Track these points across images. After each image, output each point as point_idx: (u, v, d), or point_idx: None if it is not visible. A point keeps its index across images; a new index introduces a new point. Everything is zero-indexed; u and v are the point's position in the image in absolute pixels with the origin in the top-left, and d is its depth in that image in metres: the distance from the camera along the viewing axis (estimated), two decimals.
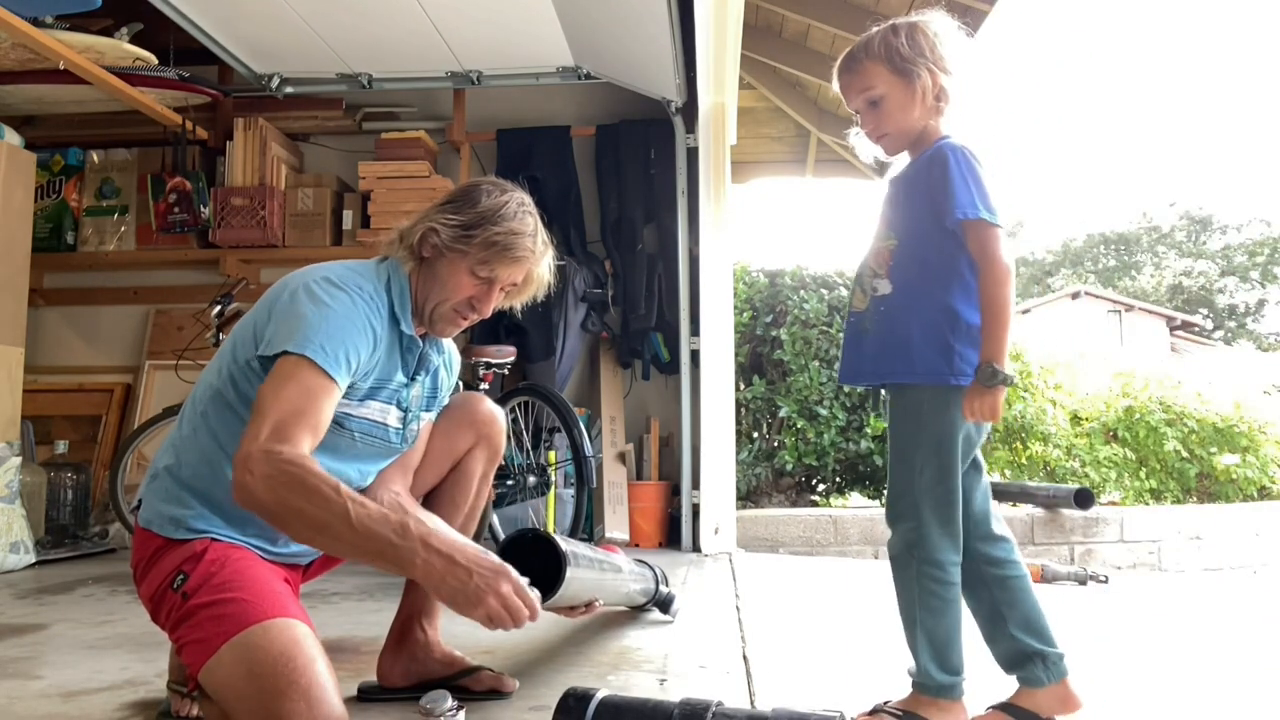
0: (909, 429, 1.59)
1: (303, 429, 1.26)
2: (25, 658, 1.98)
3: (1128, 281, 33.65)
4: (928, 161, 1.58)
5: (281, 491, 1.19)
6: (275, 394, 1.28)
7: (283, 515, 1.21)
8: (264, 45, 3.84)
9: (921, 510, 1.57)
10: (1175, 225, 36.06)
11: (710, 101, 3.99)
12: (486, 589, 1.20)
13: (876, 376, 1.65)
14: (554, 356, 3.96)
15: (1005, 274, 1.50)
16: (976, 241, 1.52)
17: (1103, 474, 5.62)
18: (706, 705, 1.27)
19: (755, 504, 5.10)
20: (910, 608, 1.59)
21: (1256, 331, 32.29)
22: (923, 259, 1.58)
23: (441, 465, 1.75)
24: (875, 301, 1.63)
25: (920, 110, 1.60)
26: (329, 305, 1.38)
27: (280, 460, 1.20)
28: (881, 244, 1.64)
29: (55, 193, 4.33)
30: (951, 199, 1.51)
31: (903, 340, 1.57)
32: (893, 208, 1.65)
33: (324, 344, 1.33)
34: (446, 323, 1.56)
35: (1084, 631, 2.73)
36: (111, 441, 4.22)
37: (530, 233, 1.55)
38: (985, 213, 1.51)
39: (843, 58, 1.67)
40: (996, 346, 1.49)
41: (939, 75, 1.58)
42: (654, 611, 2.39)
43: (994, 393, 1.49)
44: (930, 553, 1.57)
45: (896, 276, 1.60)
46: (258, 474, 1.20)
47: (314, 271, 1.45)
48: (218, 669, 1.23)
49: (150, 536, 1.41)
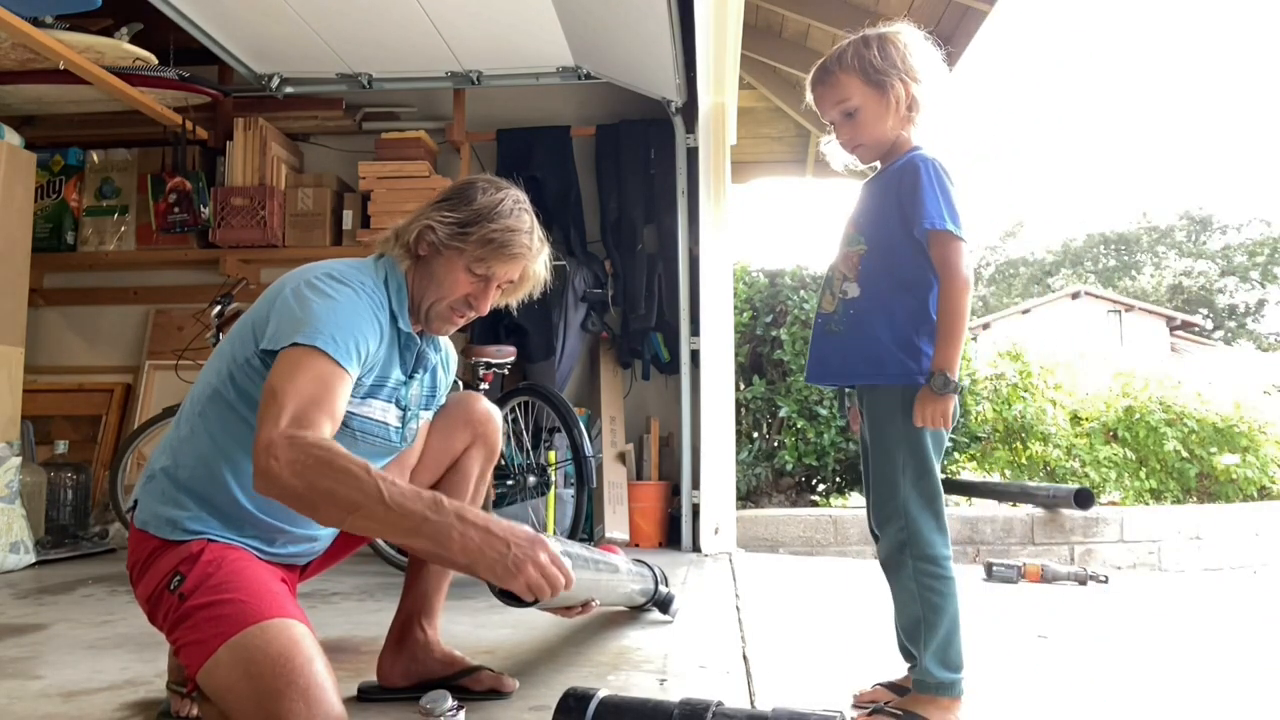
0: (886, 429, 1.62)
1: (322, 415, 1.24)
2: (25, 658, 1.98)
3: (1128, 281, 33.66)
4: (899, 171, 1.63)
5: (310, 475, 1.17)
6: (290, 381, 1.25)
7: (312, 499, 1.19)
8: (264, 45, 3.84)
9: (909, 508, 1.59)
10: (1175, 225, 36.06)
11: (710, 101, 3.99)
12: (525, 558, 1.18)
13: (845, 378, 1.71)
14: (554, 356, 3.96)
15: (965, 286, 1.55)
16: (940, 252, 1.56)
17: (1103, 474, 5.62)
18: (706, 705, 1.27)
19: (755, 504, 5.10)
20: (910, 606, 1.60)
21: (1256, 331, 32.30)
22: (890, 265, 1.63)
23: (438, 465, 1.75)
24: (844, 304, 1.67)
25: (894, 120, 1.64)
26: (334, 298, 1.37)
27: (305, 444, 1.19)
28: (851, 249, 1.68)
29: (55, 193, 4.33)
30: (921, 209, 1.56)
31: (871, 342, 1.62)
32: (863, 214, 1.70)
33: (334, 334, 1.32)
34: (443, 320, 1.56)
35: (1084, 631, 2.73)
36: (111, 441, 4.22)
37: (526, 229, 1.56)
38: (951, 225, 1.55)
39: (815, 70, 1.72)
40: (950, 354, 1.55)
41: (910, 85, 1.63)
42: (654, 611, 2.39)
43: (945, 400, 1.54)
44: (924, 549, 1.59)
45: (865, 280, 1.65)
46: (283, 459, 1.17)
47: (313, 268, 1.45)
48: (216, 670, 1.22)
49: (146, 537, 1.41)
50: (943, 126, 1.69)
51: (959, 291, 1.55)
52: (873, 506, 1.68)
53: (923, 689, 1.58)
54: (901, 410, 1.59)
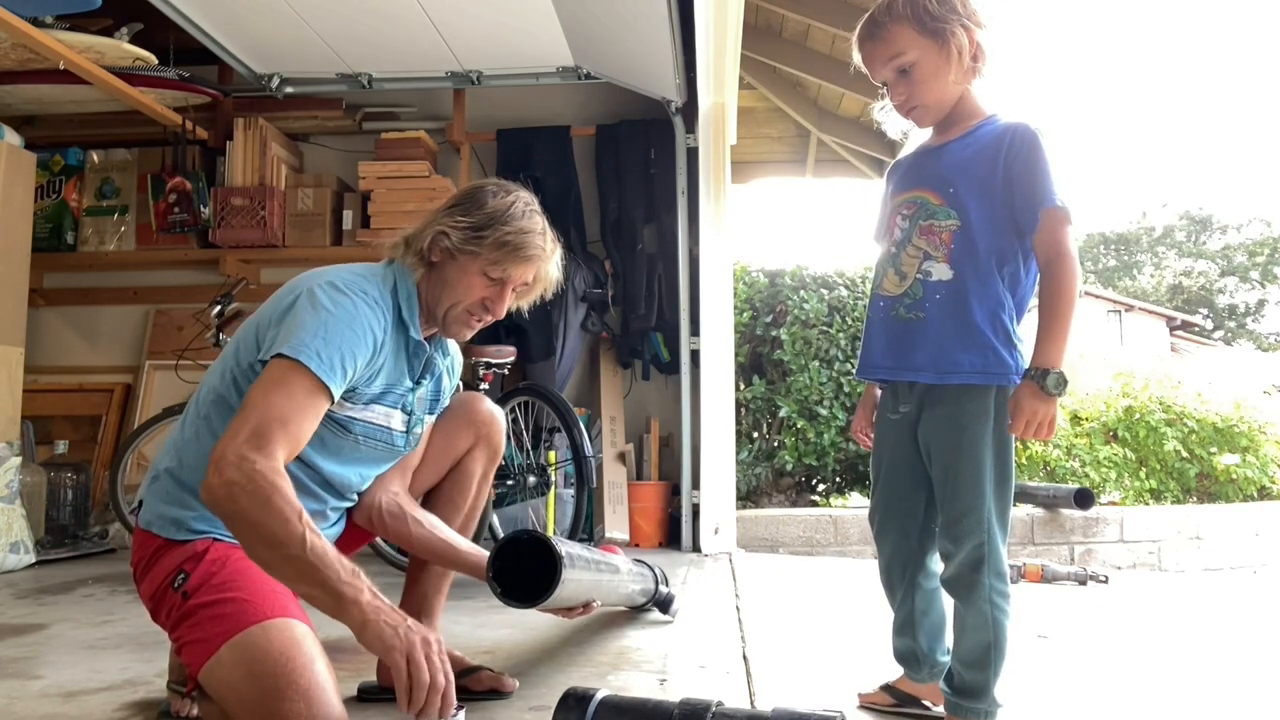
0: (973, 432, 1.43)
1: (281, 439, 1.24)
2: (25, 658, 1.98)
3: (1128, 281, 33.65)
4: (1003, 138, 1.43)
5: (245, 501, 1.18)
6: (263, 396, 1.27)
7: (240, 525, 1.20)
8: (264, 45, 3.84)
9: (991, 523, 1.42)
10: (1175, 225, 36.05)
11: (710, 101, 3.99)
12: (413, 644, 1.17)
13: (938, 373, 1.46)
14: (554, 356, 3.96)
15: (1078, 271, 1.39)
16: (1052, 233, 1.38)
17: (1103, 474, 5.61)
18: (706, 705, 1.27)
19: (755, 504, 5.10)
20: (981, 632, 1.44)
21: (1256, 331, 32.29)
22: (991, 245, 1.44)
23: (441, 465, 1.75)
24: (929, 288, 1.46)
25: (956, 74, 1.44)
26: (330, 310, 1.37)
27: (252, 471, 1.19)
28: (938, 222, 1.46)
29: (55, 193, 4.32)
30: (1043, 186, 1.38)
31: (967, 332, 1.43)
32: (953, 182, 1.46)
33: (320, 350, 1.31)
34: (460, 325, 1.56)
35: (1084, 631, 2.73)
36: (111, 441, 4.22)
37: (540, 231, 1.55)
38: (1064, 202, 1.39)
39: (863, 24, 1.50)
40: (1059, 349, 1.36)
41: (974, 31, 1.43)
42: (654, 611, 2.39)
43: (1053, 402, 1.35)
44: (999, 565, 1.44)
45: (960, 261, 1.44)
46: (225, 477, 1.19)
47: (320, 276, 1.44)
48: (217, 669, 1.23)
49: (151, 537, 1.41)
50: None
51: (1072, 275, 1.37)
52: (948, 520, 1.48)
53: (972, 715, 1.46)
54: (996, 410, 1.42)
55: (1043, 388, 1.35)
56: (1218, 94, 67.85)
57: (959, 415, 1.45)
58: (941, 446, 1.47)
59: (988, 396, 1.43)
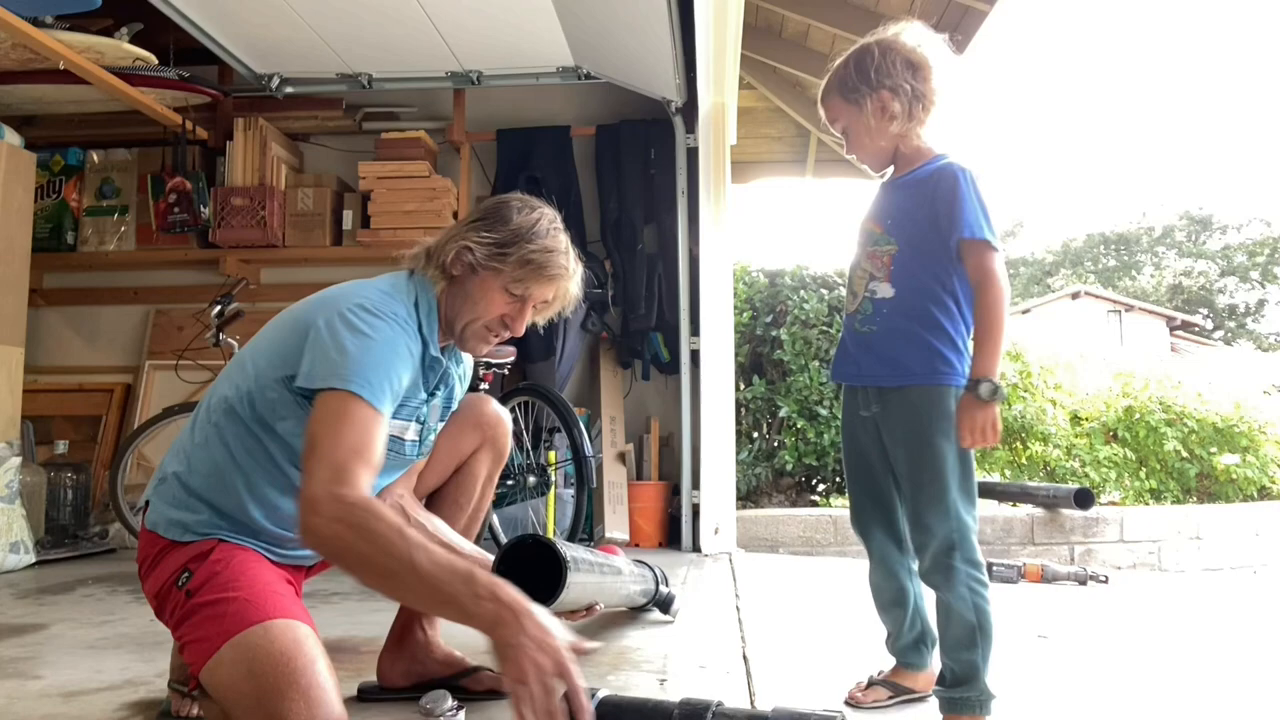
0: (929, 428, 1.57)
1: (363, 467, 1.25)
2: (25, 658, 1.98)
3: (1128, 281, 33.66)
4: (934, 177, 1.61)
5: (350, 537, 1.18)
6: (331, 432, 1.26)
7: (348, 561, 1.20)
8: (264, 45, 3.84)
9: (959, 510, 1.55)
10: (1175, 225, 36.05)
11: (710, 102, 3.99)
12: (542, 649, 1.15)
13: (880, 378, 1.65)
14: (554, 356, 3.96)
15: (1003, 292, 1.55)
16: (977, 260, 1.56)
17: (1103, 474, 5.62)
18: (706, 705, 1.27)
19: (755, 504, 5.10)
20: (964, 616, 1.55)
21: (1256, 331, 32.29)
22: (925, 265, 1.61)
23: (446, 466, 1.75)
24: (874, 304, 1.65)
25: (881, 130, 1.63)
26: (370, 336, 1.35)
27: (347, 503, 1.19)
28: (879, 248, 1.66)
29: (55, 193, 4.33)
30: (960, 217, 1.56)
31: (908, 342, 1.60)
32: (890, 214, 1.68)
33: (370, 377, 1.31)
34: (479, 340, 1.55)
35: (1084, 631, 2.73)
36: (111, 441, 4.22)
37: (563, 250, 1.55)
38: (989, 234, 1.56)
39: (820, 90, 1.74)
40: (991, 360, 1.53)
41: (895, 94, 1.61)
42: (654, 612, 2.39)
43: (990, 408, 1.52)
44: (971, 553, 1.55)
45: (900, 280, 1.63)
46: (326, 516, 1.18)
47: (348, 298, 1.41)
48: (218, 668, 1.23)
49: (156, 537, 1.41)
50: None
51: (997, 298, 1.54)
52: (915, 512, 1.60)
53: (966, 708, 1.53)
54: (944, 409, 1.56)
55: (977, 396, 1.52)
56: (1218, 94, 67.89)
57: (916, 415, 1.60)
58: (903, 443, 1.62)
59: (943, 396, 1.58)
